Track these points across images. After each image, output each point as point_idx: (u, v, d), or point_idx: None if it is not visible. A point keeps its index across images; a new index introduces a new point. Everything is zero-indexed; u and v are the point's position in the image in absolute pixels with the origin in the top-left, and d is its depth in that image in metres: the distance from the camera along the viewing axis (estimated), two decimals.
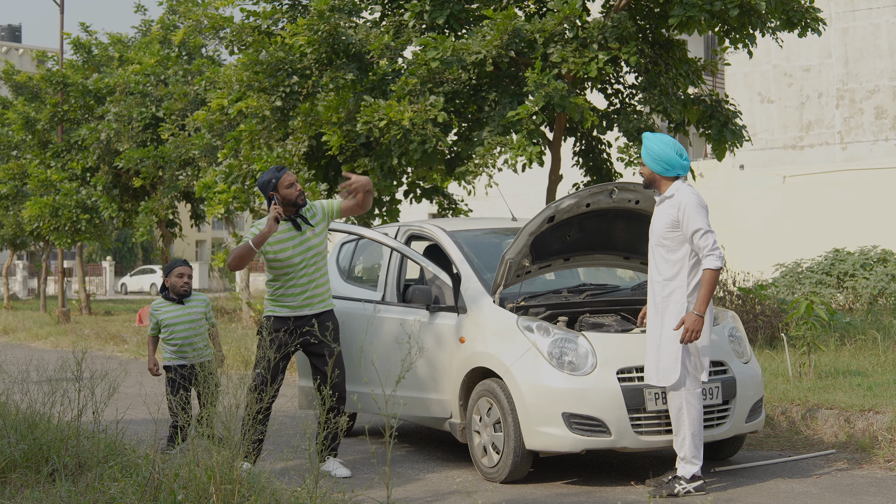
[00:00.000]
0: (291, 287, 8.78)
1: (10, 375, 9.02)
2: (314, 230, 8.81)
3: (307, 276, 8.79)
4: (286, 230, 8.76)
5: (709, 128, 15.35)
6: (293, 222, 8.77)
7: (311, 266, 8.80)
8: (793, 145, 28.75)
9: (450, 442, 10.30)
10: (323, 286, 8.90)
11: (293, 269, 8.75)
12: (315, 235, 8.82)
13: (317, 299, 8.85)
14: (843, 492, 7.87)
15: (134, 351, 20.97)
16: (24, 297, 62.12)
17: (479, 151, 14.19)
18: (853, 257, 22.14)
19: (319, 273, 8.87)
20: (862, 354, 13.28)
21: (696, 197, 7.94)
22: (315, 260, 8.82)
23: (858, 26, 27.77)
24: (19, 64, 69.96)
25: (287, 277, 8.77)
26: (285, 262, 8.74)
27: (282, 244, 8.73)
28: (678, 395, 7.87)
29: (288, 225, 8.77)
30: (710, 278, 7.77)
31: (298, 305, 8.80)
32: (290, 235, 8.75)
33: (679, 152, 8.02)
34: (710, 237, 7.82)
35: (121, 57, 29.97)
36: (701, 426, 7.89)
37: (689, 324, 7.77)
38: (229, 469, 6.07)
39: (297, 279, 8.76)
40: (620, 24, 13.92)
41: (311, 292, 8.81)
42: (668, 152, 8.00)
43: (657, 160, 8.03)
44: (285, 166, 8.76)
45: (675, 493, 7.79)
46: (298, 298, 8.79)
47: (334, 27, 14.98)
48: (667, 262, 7.98)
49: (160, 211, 26.92)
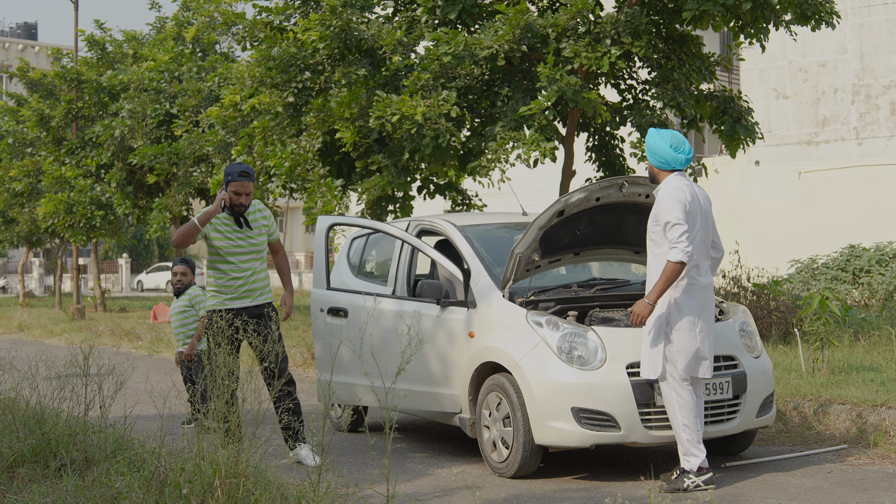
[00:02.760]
0: (234, 278, 9.07)
1: (21, 371, 9.02)
2: (251, 232, 9.12)
3: (250, 269, 9.10)
4: (226, 221, 9.08)
5: (721, 124, 15.29)
6: (235, 219, 9.08)
7: (254, 260, 9.13)
8: (808, 141, 28.63)
9: (459, 437, 10.27)
10: (262, 280, 9.21)
11: (235, 257, 9.04)
12: (255, 236, 9.14)
13: (257, 292, 9.14)
14: (854, 487, 7.81)
15: (148, 347, 20.99)
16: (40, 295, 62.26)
17: (492, 147, 14.15)
18: (868, 253, 22.04)
19: (261, 268, 9.20)
20: (876, 350, 13.19)
21: (674, 190, 7.88)
22: (256, 255, 9.15)
23: (874, 21, 27.64)
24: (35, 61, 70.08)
25: (230, 266, 9.06)
26: (222, 250, 9.04)
27: (220, 234, 9.03)
28: (666, 387, 7.85)
29: (230, 220, 9.09)
30: (669, 270, 7.73)
31: (238, 297, 9.07)
32: (231, 228, 9.07)
33: (675, 146, 7.99)
34: (677, 229, 7.73)
35: (135, 54, 30.00)
36: (695, 418, 7.79)
37: (636, 308, 7.84)
38: (235, 463, 6.05)
39: (240, 268, 9.06)
40: (634, 19, 13.87)
41: (250, 285, 9.09)
42: (661, 146, 8.00)
43: (652, 154, 8.06)
44: (249, 173, 9.02)
45: (685, 489, 7.75)
46: (239, 290, 9.07)
47: (346, 22, 14.96)
48: (654, 255, 7.97)
49: (174, 207, 26.92)
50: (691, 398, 7.83)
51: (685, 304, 7.84)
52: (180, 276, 11.40)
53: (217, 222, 9.04)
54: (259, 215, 9.20)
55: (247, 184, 8.94)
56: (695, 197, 7.93)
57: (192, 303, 11.28)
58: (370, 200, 15.92)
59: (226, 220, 9.06)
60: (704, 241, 7.97)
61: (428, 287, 9.33)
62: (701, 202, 8.00)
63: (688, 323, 7.83)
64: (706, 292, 7.95)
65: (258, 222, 9.16)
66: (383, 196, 16.07)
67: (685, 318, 7.83)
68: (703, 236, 7.95)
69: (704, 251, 7.98)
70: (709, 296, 7.96)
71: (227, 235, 9.02)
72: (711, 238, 8.11)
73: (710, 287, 7.99)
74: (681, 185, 7.92)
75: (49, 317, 31.04)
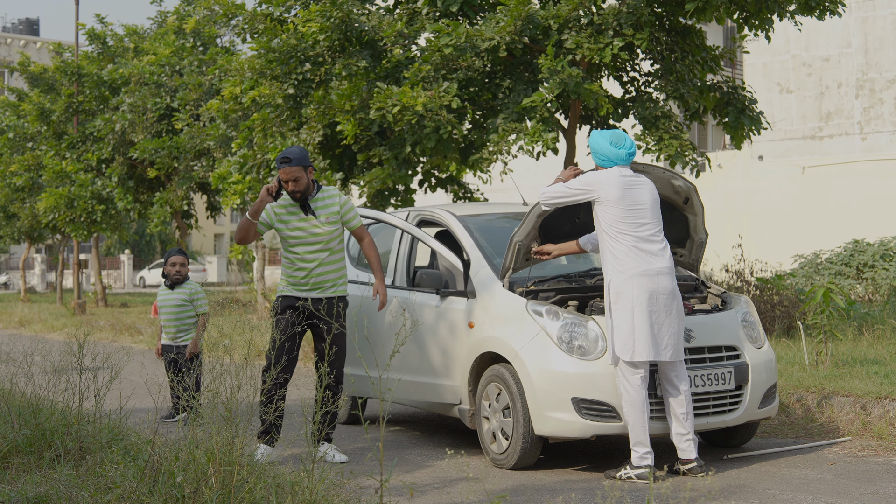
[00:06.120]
0: (299, 269, 8.73)
1: (16, 362, 8.97)
2: (319, 221, 8.72)
3: (315, 260, 8.71)
4: (292, 211, 8.75)
5: (725, 115, 15.19)
6: (301, 206, 8.73)
7: (320, 251, 8.72)
8: (812, 136, 28.54)
9: (459, 429, 10.19)
10: (333, 273, 8.79)
11: (299, 247, 8.71)
12: (320, 225, 8.72)
13: (328, 284, 8.76)
14: (858, 479, 7.72)
15: (149, 342, 20.92)
16: (41, 290, 62.28)
17: (494, 139, 14.07)
18: (873, 248, 21.95)
19: (330, 259, 8.78)
20: (880, 344, 13.11)
21: (601, 172, 8.06)
22: (321, 246, 8.73)
23: (878, 15, 27.52)
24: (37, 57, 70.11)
25: (295, 256, 8.74)
26: (289, 238, 8.73)
27: (285, 223, 8.73)
28: (619, 375, 7.83)
29: (296, 207, 8.75)
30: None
31: (308, 288, 8.73)
32: (296, 217, 8.73)
33: (615, 143, 8.07)
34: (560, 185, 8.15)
35: (136, 48, 29.95)
36: (637, 413, 7.72)
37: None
38: (229, 451, 5.97)
39: (304, 259, 8.71)
40: (636, 10, 13.77)
41: (317, 278, 8.72)
42: (602, 144, 8.08)
43: (595, 154, 8.17)
44: (290, 158, 8.57)
45: (617, 477, 7.77)
46: (307, 280, 8.72)
47: (347, 14, 14.88)
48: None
49: (175, 202, 26.87)
50: (637, 393, 7.72)
51: (624, 288, 7.80)
52: (179, 266, 11.14)
53: (281, 211, 8.73)
54: (329, 202, 8.77)
55: (288, 169, 8.53)
56: (633, 184, 7.99)
57: (191, 298, 11.08)
58: (371, 193, 15.85)
59: (290, 209, 8.73)
60: (649, 226, 7.94)
61: (427, 277, 9.24)
62: (643, 190, 8.03)
63: (626, 302, 7.79)
64: (658, 277, 7.85)
65: (328, 209, 8.75)
66: (384, 189, 16.00)
67: (623, 299, 7.79)
68: (647, 217, 7.94)
69: (650, 239, 7.93)
70: (663, 281, 7.87)
71: (289, 224, 8.70)
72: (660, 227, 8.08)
73: (664, 272, 7.89)
74: (615, 172, 8.00)
75: (50, 312, 30.98)
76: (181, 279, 11.14)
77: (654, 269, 7.82)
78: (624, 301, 7.77)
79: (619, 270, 7.82)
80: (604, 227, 7.93)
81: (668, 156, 14.09)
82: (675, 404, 7.84)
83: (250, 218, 8.59)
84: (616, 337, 7.78)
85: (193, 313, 11.10)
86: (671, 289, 7.87)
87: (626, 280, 7.78)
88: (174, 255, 11.21)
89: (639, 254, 7.83)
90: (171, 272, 11.14)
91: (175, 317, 11.09)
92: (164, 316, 11.17)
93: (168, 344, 11.16)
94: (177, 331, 11.08)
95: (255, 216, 8.59)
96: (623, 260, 7.83)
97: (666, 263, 7.90)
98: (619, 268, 7.82)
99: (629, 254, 7.82)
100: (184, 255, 11.29)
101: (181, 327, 11.08)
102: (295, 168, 8.57)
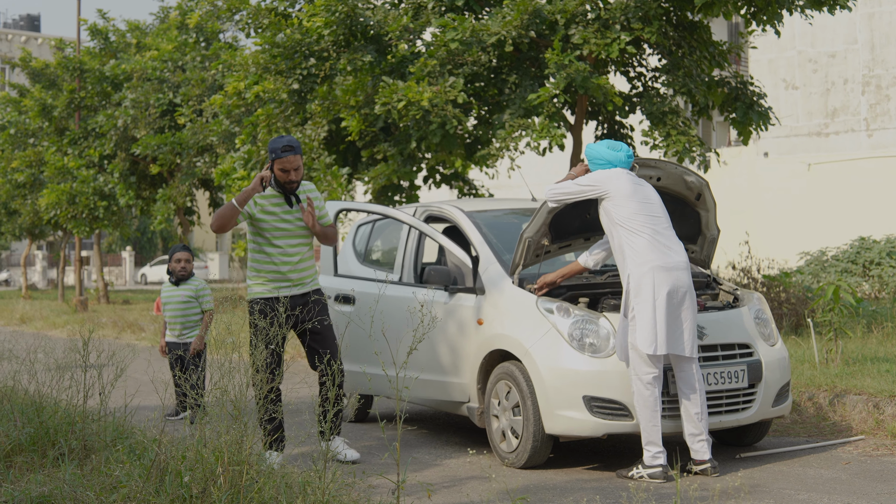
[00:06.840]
0: (283, 263, 8.43)
1: (19, 359, 8.88)
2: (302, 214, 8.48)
3: (298, 254, 8.48)
4: (277, 202, 8.45)
5: (733, 110, 15.09)
6: (286, 197, 8.46)
7: (302, 244, 8.52)
8: (818, 132, 28.43)
9: (466, 427, 10.10)
10: (311, 268, 8.61)
11: (283, 240, 8.43)
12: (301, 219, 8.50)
13: (308, 279, 8.53)
14: (873, 478, 7.62)
15: (152, 339, 20.83)
16: (43, 287, 62.20)
17: (500, 135, 13.97)
18: (879, 245, 21.85)
19: (309, 255, 8.60)
20: (890, 341, 13.03)
21: (586, 176, 8.09)
22: (305, 240, 8.53)
23: (885, 11, 27.41)
24: (38, 53, 70.02)
25: (277, 250, 8.42)
26: (268, 233, 8.41)
27: (271, 214, 8.42)
28: (632, 375, 7.74)
29: (281, 199, 8.45)
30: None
31: (290, 284, 8.44)
32: (281, 209, 8.44)
33: (612, 147, 8.11)
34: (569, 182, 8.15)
35: (138, 43, 29.87)
36: (649, 412, 7.64)
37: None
38: (238, 450, 5.86)
39: (287, 253, 8.43)
40: (644, 5, 13.66)
41: (300, 273, 8.48)
42: (599, 151, 8.12)
43: (594, 162, 8.15)
44: (295, 146, 8.31)
45: (629, 476, 7.72)
46: (289, 275, 8.43)
47: (352, 8, 14.79)
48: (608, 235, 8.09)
49: (178, 198, 26.78)
50: (650, 392, 7.63)
51: (645, 281, 7.70)
52: (184, 262, 11.06)
53: (264, 202, 8.40)
54: (312, 195, 8.54)
55: (293, 158, 8.26)
56: (639, 182, 8.01)
57: (196, 295, 11.06)
58: (376, 189, 15.76)
59: (274, 201, 8.43)
60: (661, 219, 7.90)
61: (436, 273, 9.12)
62: (649, 188, 8.03)
63: (647, 295, 7.69)
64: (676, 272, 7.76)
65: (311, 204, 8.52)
66: (389, 185, 15.90)
67: (644, 292, 7.69)
68: (659, 212, 7.90)
69: (664, 233, 7.86)
70: (682, 276, 7.78)
71: (276, 216, 8.40)
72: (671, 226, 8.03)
73: (681, 268, 7.80)
74: (621, 170, 8.01)
75: (51, 309, 30.89)
76: (186, 275, 11.11)
77: (672, 263, 7.72)
78: (645, 294, 7.65)
79: (638, 263, 7.70)
80: (620, 222, 7.81)
81: (676, 151, 14.00)
82: (688, 404, 7.74)
83: (237, 205, 8.26)
84: (638, 330, 7.64)
85: (199, 310, 11.09)
86: (689, 284, 7.77)
87: (647, 273, 7.66)
88: (179, 252, 11.19)
89: (658, 246, 7.73)
90: (177, 268, 11.11)
91: (180, 313, 11.09)
92: (169, 313, 11.16)
93: (173, 341, 11.15)
94: (182, 327, 11.07)
95: (242, 204, 8.26)
96: (642, 252, 7.72)
97: (683, 258, 7.81)
98: (639, 260, 7.71)
99: (649, 246, 7.72)
100: (188, 252, 11.25)
101: (186, 324, 11.07)
102: (298, 157, 8.37)
